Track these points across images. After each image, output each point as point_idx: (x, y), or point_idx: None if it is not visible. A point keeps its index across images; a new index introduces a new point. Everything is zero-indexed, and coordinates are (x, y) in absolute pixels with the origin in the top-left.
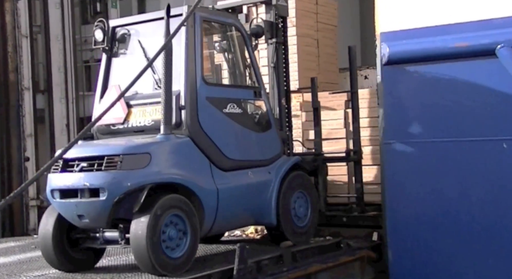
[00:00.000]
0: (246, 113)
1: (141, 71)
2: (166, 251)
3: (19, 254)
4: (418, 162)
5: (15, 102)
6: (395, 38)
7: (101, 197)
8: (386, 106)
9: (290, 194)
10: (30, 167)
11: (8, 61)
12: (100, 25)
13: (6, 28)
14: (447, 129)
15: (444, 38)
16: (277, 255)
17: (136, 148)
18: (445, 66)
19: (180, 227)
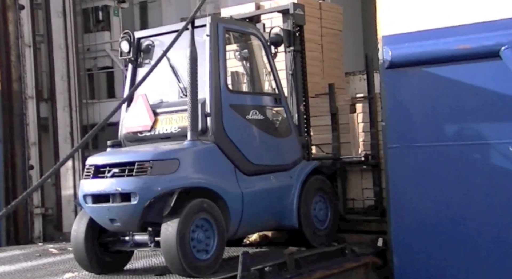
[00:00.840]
0: (267, 120)
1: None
2: (195, 253)
3: (24, 262)
4: (422, 166)
5: (19, 111)
6: (397, 41)
7: (133, 201)
8: (389, 110)
9: (310, 198)
10: (34, 175)
11: (12, 71)
12: (126, 37)
13: (9, 37)
14: (451, 133)
15: (446, 40)
16: (280, 262)
17: (166, 154)
18: (448, 69)
19: (207, 230)
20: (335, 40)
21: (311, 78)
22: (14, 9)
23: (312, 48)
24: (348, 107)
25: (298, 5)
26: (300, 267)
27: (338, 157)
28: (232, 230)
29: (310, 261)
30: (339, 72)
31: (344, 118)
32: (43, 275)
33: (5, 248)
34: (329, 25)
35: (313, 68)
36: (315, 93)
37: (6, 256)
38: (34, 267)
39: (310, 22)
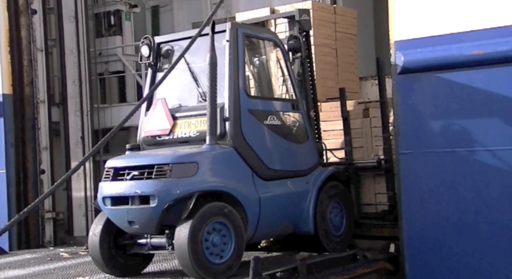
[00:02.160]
0: (284, 125)
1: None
2: (208, 257)
3: (35, 266)
4: (434, 172)
5: (30, 115)
6: (409, 46)
7: (151, 204)
8: (401, 115)
9: (326, 204)
10: (46, 180)
11: (24, 75)
12: (146, 42)
13: (21, 42)
14: (464, 138)
15: (459, 46)
16: (292, 267)
17: (185, 157)
18: (461, 74)
19: (224, 234)
20: (349, 44)
21: (325, 83)
22: (27, 14)
23: (326, 53)
24: (361, 112)
25: (304, 10)
26: (312, 273)
27: (351, 162)
28: (249, 235)
29: (321, 267)
30: (353, 76)
31: (356, 123)
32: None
33: (16, 252)
34: (343, 29)
35: (327, 73)
36: (326, 98)
37: (17, 260)
38: (45, 271)
39: (324, 26)
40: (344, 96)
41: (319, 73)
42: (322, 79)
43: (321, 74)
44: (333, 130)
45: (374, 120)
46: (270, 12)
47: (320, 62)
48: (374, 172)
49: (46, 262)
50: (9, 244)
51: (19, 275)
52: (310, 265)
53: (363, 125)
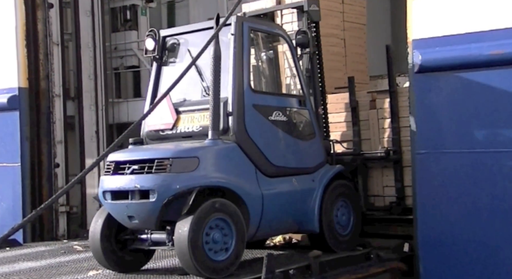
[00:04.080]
0: (291, 122)
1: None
2: (209, 254)
3: (49, 258)
4: (451, 172)
5: (46, 109)
6: (427, 45)
7: (151, 199)
8: (418, 115)
9: (333, 202)
10: (60, 173)
11: (40, 69)
12: (151, 35)
13: (38, 36)
14: (481, 139)
15: (478, 45)
16: (305, 265)
17: (185, 152)
18: (480, 74)
19: (225, 231)
20: (358, 34)
21: (333, 74)
22: (43, 8)
23: (334, 43)
24: (368, 103)
25: (313, 0)
26: (325, 271)
27: (359, 153)
28: (251, 232)
29: (334, 265)
30: (363, 67)
31: (363, 114)
32: (68, 271)
33: (30, 245)
34: (352, 19)
35: (335, 64)
36: (334, 87)
37: (31, 252)
38: (59, 264)
39: (332, 16)
40: (353, 86)
41: (326, 64)
42: (329, 70)
43: (328, 65)
44: (340, 122)
45: (381, 112)
46: (276, 2)
47: (327, 53)
48: (382, 164)
49: (59, 255)
50: (23, 236)
51: (33, 267)
52: (323, 263)
53: (370, 117)
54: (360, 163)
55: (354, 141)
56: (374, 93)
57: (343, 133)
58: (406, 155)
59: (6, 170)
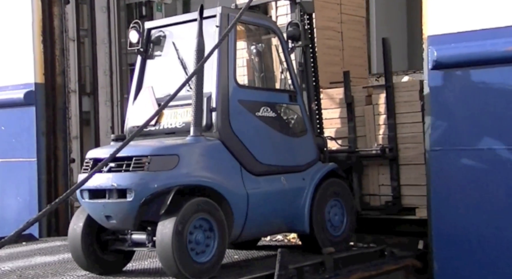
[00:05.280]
0: (280, 118)
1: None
2: (192, 255)
3: (64, 253)
4: (466, 170)
5: (61, 104)
6: (443, 41)
7: (128, 198)
8: (433, 112)
9: (324, 202)
10: (76, 169)
11: (56, 65)
12: (135, 27)
13: (54, 32)
14: (496, 136)
15: (494, 41)
16: (318, 262)
17: (164, 149)
18: (495, 70)
19: (207, 231)
20: (357, 27)
21: (328, 68)
22: (60, 4)
23: (330, 36)
24: (363, 99)
25: None
26: (338, 268)
27: (354, 150)
28: (236, 233)
29: (348, 262)
30: (361, 61)
31: (359, 110)
32: None
33: (46, 239)
34: (350, 11)
35: (331, 58)
36: (329, 82)
37: (47, 246)
38: None
39: (328, 8)
40: (348, 80)
41: (321, 58)
42: (325, 64)
43: (324, 59)
44: (335, 118)
45: (377, 108)
46: None
47: (323, 47)
48: (378, 162)
49: None
50: (39, 231)
51: (49, 262)
52: (337, 260)
53: (365, 113)
54: (355, 161)
55: (349, 137)
56: (370, 88)
57: (338, 130)
58: (402, 153)
59: (23, 165)
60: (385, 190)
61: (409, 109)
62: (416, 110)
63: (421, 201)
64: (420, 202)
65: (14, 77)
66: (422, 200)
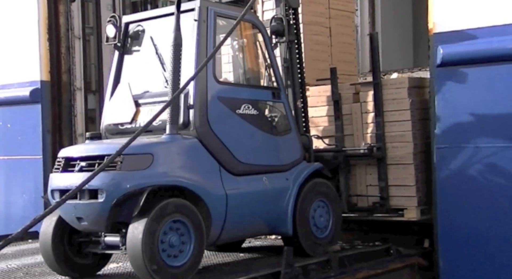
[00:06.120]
0: (262, 115)
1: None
2: (165, 259)
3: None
4: (472, 167)
5: (67, 102)
6: (449, 39)
7: (99, 199)
8: (439, 109)
9: (309, 203)
10: None
11: (61, 62)
12: (112, 21)
13: (60, 30)
14: (503, 134)
15: (501, 38)
16: (324, 260)
17: (138, 148)
18: (502, 68)
19: (183, 234)
20: (346, 22)
21: (316, 65)
22: (65, 2)
23: (318, 32)
24: (351, 96)
25: None
26: (344, 266)
27: (341, 149)
28: (214, 235)
29: (354, 260)
30: (350, 57)
31: (346, 108)
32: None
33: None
34: (338, 6)
35: (319, 54)
36: (316, 79)
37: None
38: None
39: (316, 3)
40: (335, 77)
41: (308, 55)
42: (312, 61)
43: (311, 55)
44: (321, 116)
45: (364, 105)
46: None
47: (310, 42)
48: (366, 161)
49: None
50: None
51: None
52: (343, 258)
53: (353, 111)
54: (342, 160)
55: (337, 136)
56: (357, 85)
57: (325, 128)
58: (390, 152)
59: (28, 163)
60: (373, 190)
61: (397, 107)
62: (405, 108)
63: (409, 202)
64: (409, 203)
65: (20, 75)
66: (410, 201)
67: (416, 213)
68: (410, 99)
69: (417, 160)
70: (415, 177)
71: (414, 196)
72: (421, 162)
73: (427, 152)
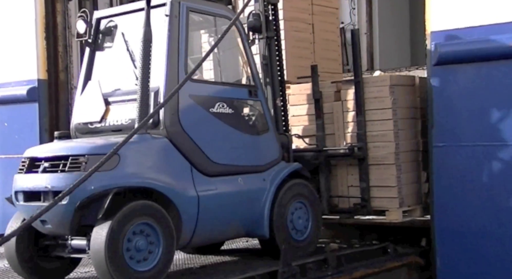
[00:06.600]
0: (238, 114)
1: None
2: (130, 263)
3: None
4: (469, 166)
5: (65, 101)
6: (445, 37)
7: (63, 201)
8: (436, 107)
9: (287, 204)
10: None
11: (59, 61)
12: (83, 17)
13: (57, 28)
14: (500, 132)
15: (498, 37)
16: (321, 259)
17: (103, 148)
18: (499, 66)
19: (150, 237)
20: (330, 19)
21: (297, 62)
22: (62, 0)
23: (300, 28)
24: (332, 94)
25: None
26: (341, 265)
27: (322, 149)
28: (185, 238)
29: (351, 259)
30: (335, 55)
31: (327, 107)
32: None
33: None
34: (322, 2)
35: (301, 51)
36: (297, 77)
37: None
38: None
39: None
40: (316, 75)
41: (290, 52)
42: (294, 58)
43: (293, 52)
44: (302, 115)
45: (346, 104)
46: None
47: (292, 39)
48: (347, 161)
49: None
50: None
51: None
52: (340, 256)
53: (334, 110)
54: (322, 160)
55: (318, 135)
56: (339, 83)
57: (306, 127)
58: (372, 152)
59: None
60: (354, 191)
61: (379, 106)
62: (386, 106)
63: (391, 204)
64: (390, 205)
65: (17, 73)
66: (392, 202)
67: (398, 215)
68: (392, 97)
69: (399, 160)
70: (397, 177)
71: (395, 197)
72: (406, 162)
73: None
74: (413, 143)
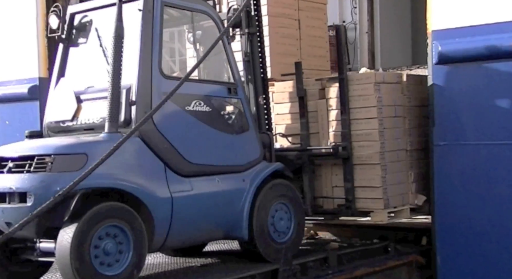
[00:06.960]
0: (216, 113)
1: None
2: (98, 267)
3: None
4: (470, 164)
5: None
6: (447, 36)
7: (28, 203)
8: (437, 106)
9: (267, 205)
10: None
11: None
12: (56, 12)
13: None
14: (501, 131)
15: (499, 36)
16: (322, 257)
17: (71, 148)
18: (500, 65)
19: (120, 240)
20: (317, 15)
21: (282, 59)
22: (63, 0)
23: (285, 24)
24: (317, 92)
25: None
26: (342, 263)
27: (305, 148)
28: (158, 241)
29: (352, 258)
30: (322, 51)
31: (311, 105)
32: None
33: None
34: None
35: (286, 47)
36: (280, 74)
37: None
38: None
39: None
40: (300, 72)
41: (274, 48)
42: (278, 55)
43: (277, 49)
44: (286, 113)
45: (330, 102)
46: None
47: (276, 36)
48: (331, 161)
49: None
50: None
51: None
52: (341, 255)
53: (318, 108)
54: (306, 160)
55: (302, 134)
56: (324, 80)
57: (290, 126)
58: (356, 152)
59: None
60: (339, 192)
61: (364, 104)
62: (371, 105)
63: (376, 205)
64: (375, 206)
65: (19, 71)
66: (377, 203)
67: (383, 216)
68: (376, 95)
69: (384, 160)
70: (382, 178)
71: (380, 198)
72: (392, 162)
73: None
74: (400, 142)
